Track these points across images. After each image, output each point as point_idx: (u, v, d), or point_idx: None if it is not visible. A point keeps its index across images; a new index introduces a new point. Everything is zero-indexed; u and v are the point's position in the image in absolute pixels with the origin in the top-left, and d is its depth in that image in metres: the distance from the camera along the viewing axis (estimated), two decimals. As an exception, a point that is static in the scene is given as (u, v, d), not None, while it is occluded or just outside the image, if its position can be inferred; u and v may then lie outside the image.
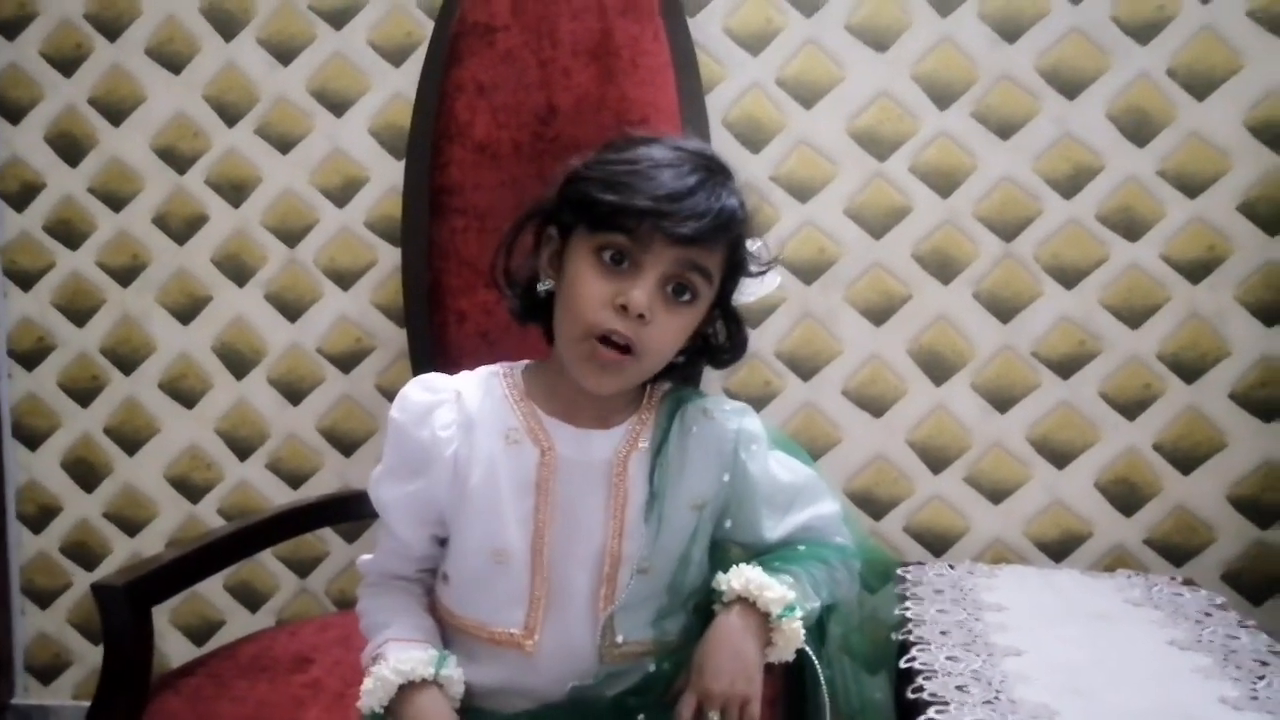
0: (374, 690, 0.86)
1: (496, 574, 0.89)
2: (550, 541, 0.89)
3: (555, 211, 0.90)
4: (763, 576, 0.87)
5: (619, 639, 0.89)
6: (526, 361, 0.97)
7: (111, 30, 1.59)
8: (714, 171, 0.87)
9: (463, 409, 0.90)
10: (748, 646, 0.85)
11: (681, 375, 0.98)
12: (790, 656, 0.88)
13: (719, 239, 0.85)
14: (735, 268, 0.90)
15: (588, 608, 0.89)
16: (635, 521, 0.89)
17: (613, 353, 0.84)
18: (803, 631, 0.87)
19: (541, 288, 0.91)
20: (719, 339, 0.95)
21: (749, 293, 0.94)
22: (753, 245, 0.91)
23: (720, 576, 0.88)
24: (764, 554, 0.94)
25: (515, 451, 0.89)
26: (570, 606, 0.89)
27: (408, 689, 0.86)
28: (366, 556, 0.98)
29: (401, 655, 0.87)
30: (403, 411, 0.90)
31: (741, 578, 0.87)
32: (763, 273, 0.93)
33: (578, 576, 0.89)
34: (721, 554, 0.96)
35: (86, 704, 1.00)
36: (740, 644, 0.85)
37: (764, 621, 0.86)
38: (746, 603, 0.86)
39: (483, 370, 0.95)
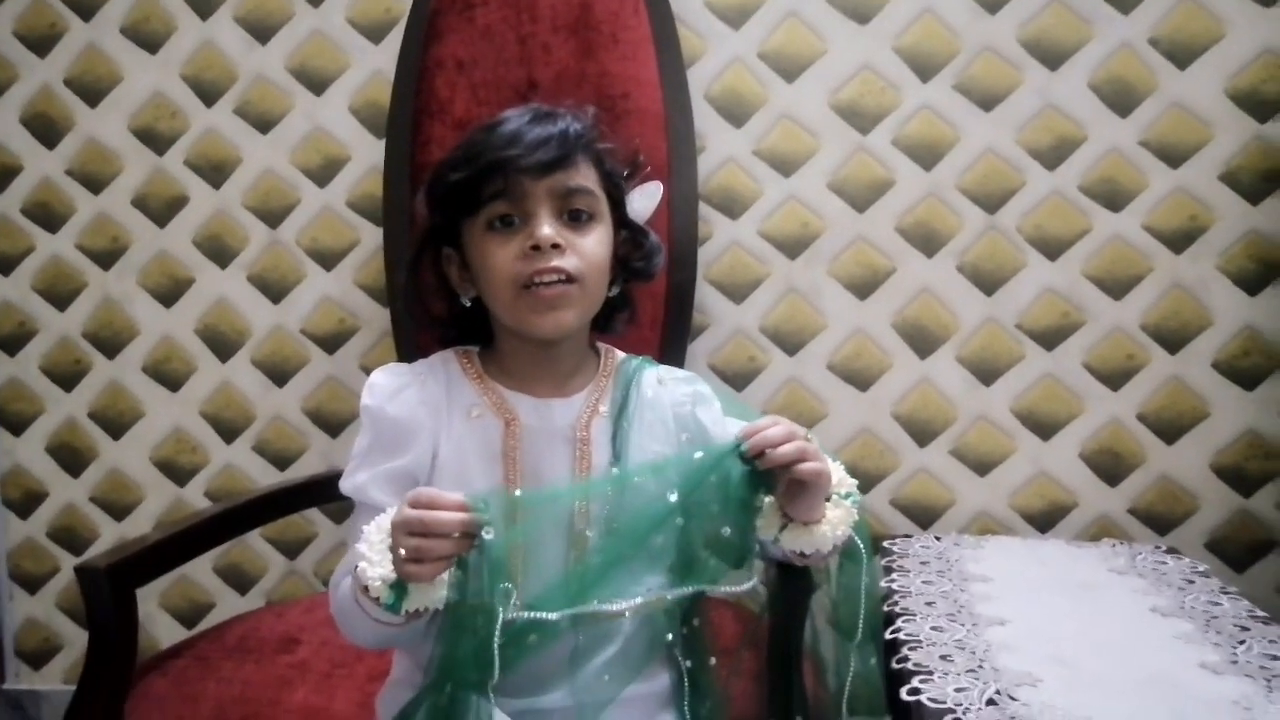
0: (369, 563, 0.76)
1: None
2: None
3: (436, 229, 0.94)
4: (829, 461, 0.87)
5: (592, 605, 0.89)
6: (478, 347, 0.99)
7: (85, 9, 1.57)
8: (549, 112, 0.91)
9: (429, 389, 0.92)
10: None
11: (627, 316, 1.01)
12: (829, 545, 0.86)
13: (574, 157, 0.89)
14: (611, 180, 0.94)
15: (561, 573, 0.89)
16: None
17: (553, 288, 0.87)
18: (855, 519, 0.86)
19: (465, 300, 0.94)
20: (634, 256, 0.98)
21: (639, 208, 0.98)
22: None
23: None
24: None
25: (479, 425, 0.91)
26: (545, 573, 0.89)
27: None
28: (338, 568, 0.91)
29: (378, 523, 0.79)
30: (374, 396, 0.92)
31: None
32: (631, 174, 0.97)
33: (550, 543, 0.90)
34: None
35: (76, 687, 1.00)
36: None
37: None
38: None
39: (437, 355, 0.98)
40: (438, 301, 0.97)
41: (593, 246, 0.90)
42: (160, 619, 1.67)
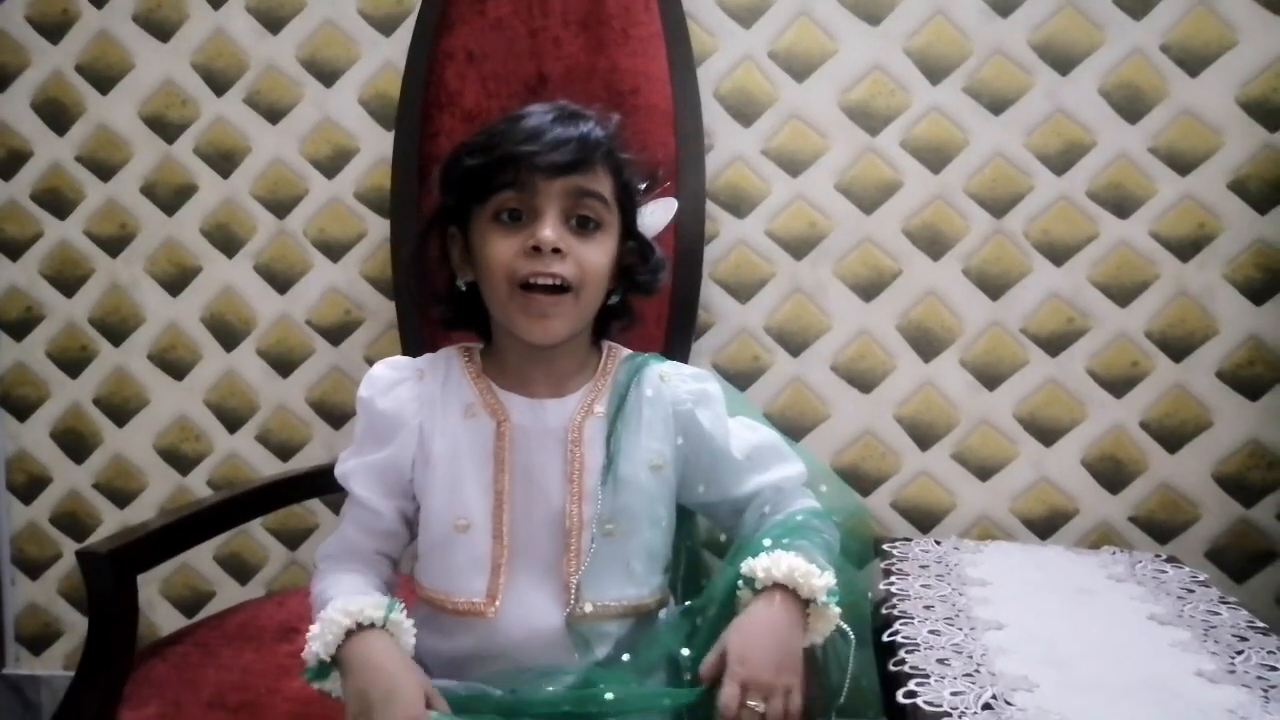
0: (320, 634, 0.83)
1: (459, 543, 0.91)
2: (510, 509, 0.91)
3: (447, 209, 0.94)
4: (804, 564, 0.85)
5: (586, 608, 0.90)
6: (481, 345, 1.00)
7: (99, -4, 1.57)
8: (574, 112, 0.92)
9: (425, 386, 0.94)
10: (792, 635, 0.84)
11: (624, 324, 1.01)
12: (820, 640, 0.87)
13: (592, 162, 0.90)
14: (626, 190, 0.94)
15: (550, 574, 0.91)
16: (593, 486, 0.91)
17: (547, 296, 0.88)
18: (839, 613, 0.86)
19: (460, 282, 0.95)
20: (639, 269, 0.98)
21: (651, 222, 0.98)
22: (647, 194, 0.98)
23: (752, 563, 0.86)
24: (732, 519, 0.97)
25: (474, 424, 0.93)
26: (532, 573, 0.91)
27: (356, 635, 0.82)
28: (325, 543, 0.97)
29: (349, 602, 0.84)
30: (370, 388, 0.94)
31: (782, 566, 0.85)
32: (648, 186, 0.97)
33: (540, 543, 0.91)
34: (690, 527, 0.98)
35: (76, 673, 1.01)
36: (784, 633, 0.84)
37: (803, 608, 0.85)
38: (785, 589, 0.85)
39: (442, 351, 0.99)
40: (439, 277, 0.98)
41: (594, 257, 0.90)
42: (161, 607, 1.68)
